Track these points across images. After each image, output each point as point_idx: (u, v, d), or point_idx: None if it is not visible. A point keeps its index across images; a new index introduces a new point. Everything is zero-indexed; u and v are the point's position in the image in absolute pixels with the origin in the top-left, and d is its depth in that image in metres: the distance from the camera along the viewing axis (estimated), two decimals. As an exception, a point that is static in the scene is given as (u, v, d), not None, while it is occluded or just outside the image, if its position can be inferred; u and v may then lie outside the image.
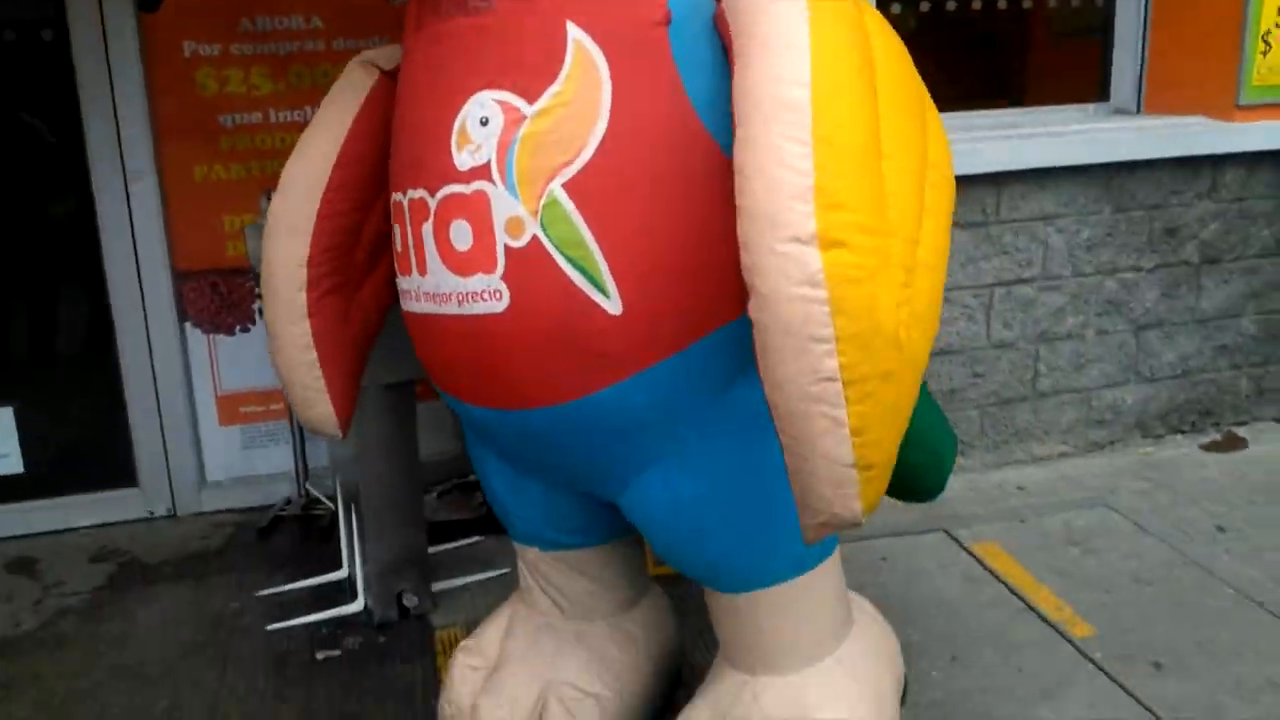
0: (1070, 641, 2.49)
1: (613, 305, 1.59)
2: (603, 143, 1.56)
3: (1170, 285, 3.51)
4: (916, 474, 2.21)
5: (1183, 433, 3.67)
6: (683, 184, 1.60)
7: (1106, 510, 3.14)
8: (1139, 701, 2.26)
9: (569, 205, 1.56)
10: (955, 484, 3.37)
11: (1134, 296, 3.48)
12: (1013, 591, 2.72)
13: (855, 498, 1.42)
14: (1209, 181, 3.44)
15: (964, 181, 3.27)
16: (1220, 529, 2.99)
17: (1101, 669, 2.38)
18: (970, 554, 2.93)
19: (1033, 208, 3.32)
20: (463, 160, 1.60)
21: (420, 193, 1.67)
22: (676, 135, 1.60)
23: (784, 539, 1.74)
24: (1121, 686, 2.31)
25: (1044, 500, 3.24)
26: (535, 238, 1.57)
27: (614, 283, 1.58)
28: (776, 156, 1.37)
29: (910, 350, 1.49)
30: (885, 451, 1.46)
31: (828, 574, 1.93)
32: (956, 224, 3.26)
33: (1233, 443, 3.61)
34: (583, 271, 1.58)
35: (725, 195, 1.44)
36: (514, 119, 1.57)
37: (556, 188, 1.56)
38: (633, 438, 1.74)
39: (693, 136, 1.60)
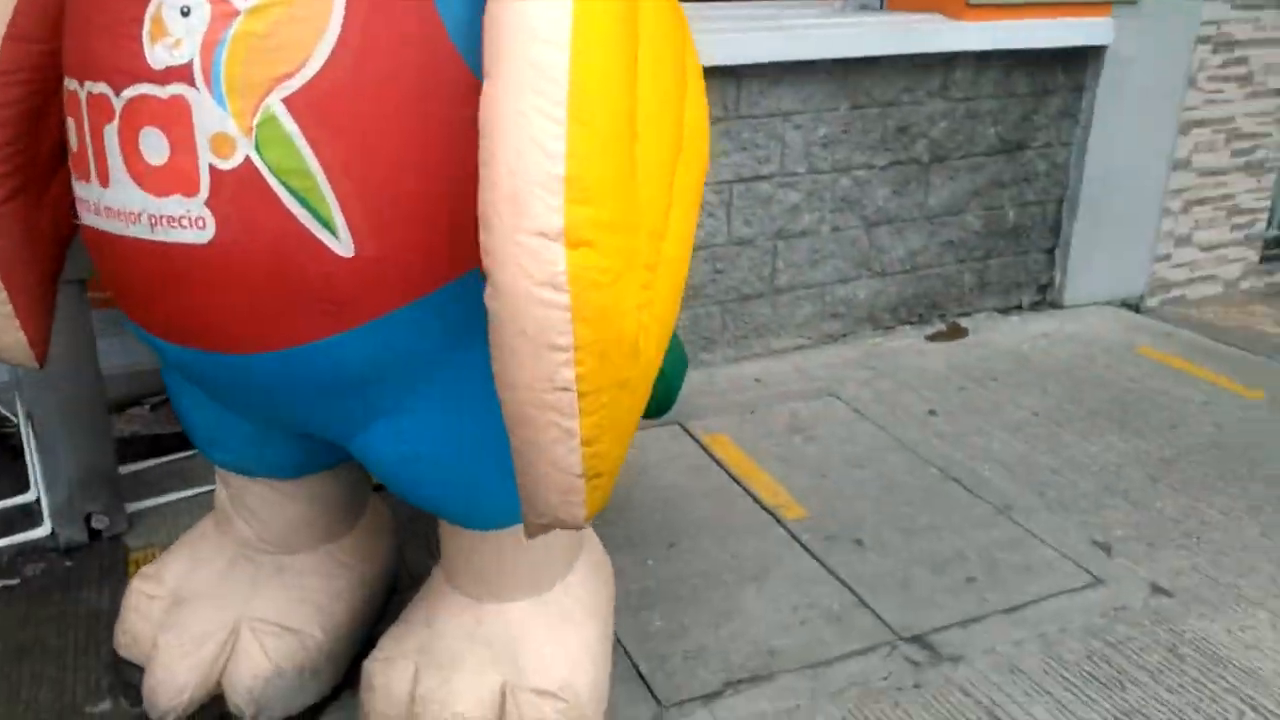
0: (783, 525, 2.57)
1: (342, 246, 1.40)
2: (333, 55, 1.35)
3: (901, 183, 3.62)
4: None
5: (911, 324, 3.85)
6: (428, 111, 1.42)
7: (832, 399, 3.26)
8: (838, 578, 2.36)
9: (290, 125, 1.35)
10: (696, 378, 3.42)
11: (866, 194, 3.58)
12: (735, 479, 2.78)
13: (581, 505, 1.38)
14: (940, 80, 3.55)
15: (705, 74, 3.26)
16: (931, 412, 3.16)
17: (808, 549, 2.47)
18: (700, 445, 2.97)
19: (771, 103, 3.32)
20: (157, 56, 1.35)
21: (102, 87, 1.40)
22: (424, 56, 1.40)
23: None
24: (824, 565, 2.41)
25: (776, 391, 3.32)
26: (248, 160, 1.36)
27: (344, 220, 1.39)
28: (524, 128, 1.23)
29: (647, 355, 1.43)
30: (615, 460, 1.41)
31: None
32: (697, 116, 3.22)
33: (955, 332, 3.82)
34: (306, 205, 1.38)
35: (478, 130, 1.29)
36: (223, 13, 1.33)
37: (275, 102, 1.34)
38: (361, 390, 1.59)
39: (443, 60, 1.41)
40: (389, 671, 1.78)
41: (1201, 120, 3.94)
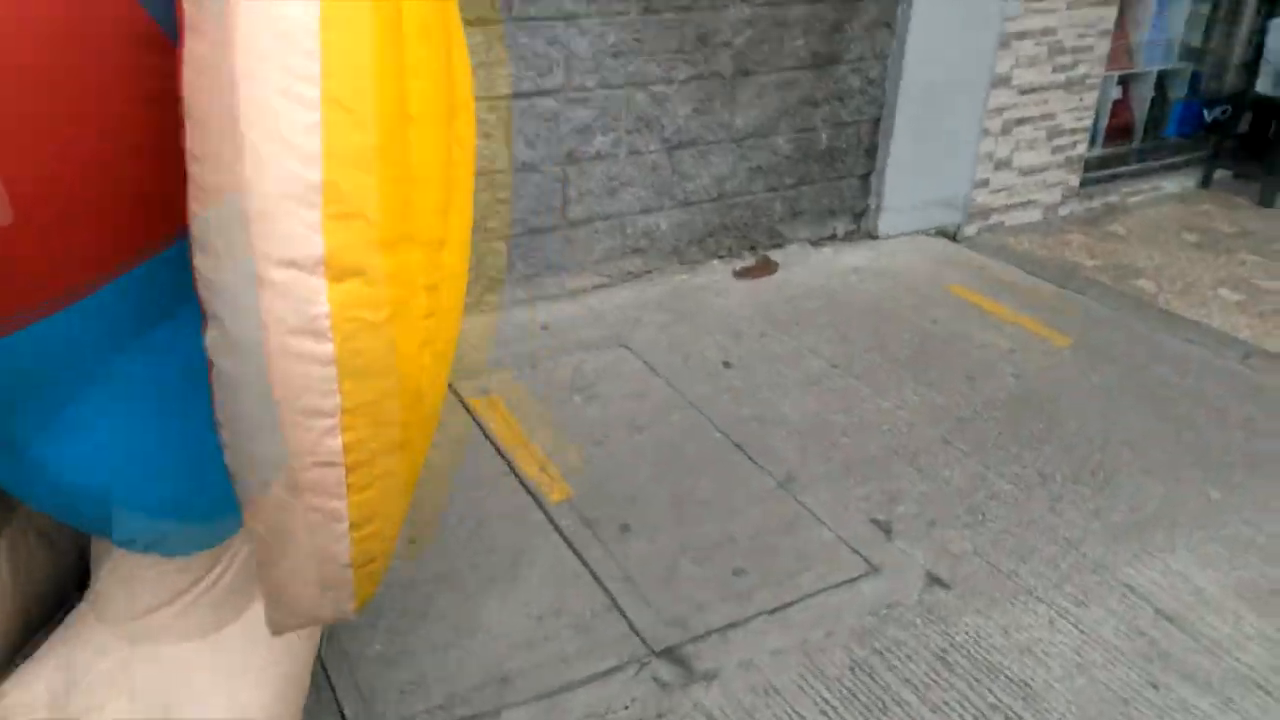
0: (544, 509, 2.28)
1: None
2: None
3: (703, 100, 3.27)
4: None
5: (720, 258, 3.57)
6: (83, 64, 1.02)
7: (622, 350, 2.95)
8: (594, 575, 2.09)
9: None
10: (478, 324, 3.06)
11: (666, 112, 3.22)
12: (501, 454, 2.47)
13: (349, 599, 1.10)
14: (746, -14, 3.18)
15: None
16: (726, 364, 2.90)
17: (566, 539, 2.19)
18: (469, 411, 2.63)
19: (551, 4, 2.89)
20: None
21: None
22: None
23: (208, 503, 1.34)
24: (581, 558, 2.14)
25: (564, 340, 3.00)
26: None
27: None
28: (265, 116, 0.89)
29: (433, 400, 1.16)
30: (390, 539, 1.13)
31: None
32: (465, 21, 2.77)
33: (764, 267, 3.55)
34: None
35: (152, 98, 0.96)
36: None
37: None
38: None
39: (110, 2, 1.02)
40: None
41: (1023, 32, 3.71)
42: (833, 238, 3.78)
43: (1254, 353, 3.12)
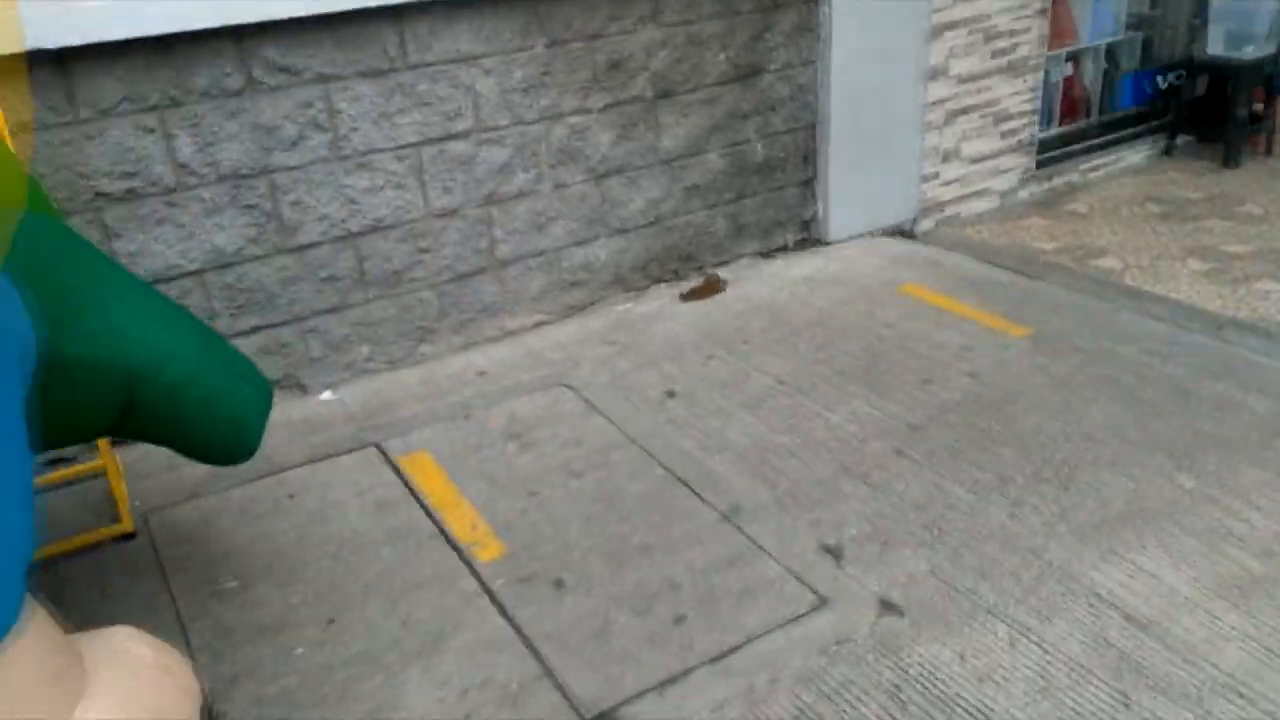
0: (473, 571, 2.15)
1: None
2: None
3: (625, 126, 3.17)
4: (214, 445, 1.76)
5: (665, 281, 3.44)
6: None
7: (562, 389, 2.83)
8: (525, 639, 1.95)
9: None
10: (410, 377, 2.95)
11: (588, 142, 3.11)
12: (429, 513, 2.34)
13: None
14: (649, 4, 3.07)
15: (356, 18, 2.70)
16: (670, 394, 2.77)
17: (496, 602, 2.06)
18: (396, 471, 2.51)
19: (447, 47, 2.79)
20: None
21: None
22: None
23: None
24: (511, 622, 2.00)
25: (500, 385, 2.88)
26: None
27: None
28: None
29: None
30: None
31: (28, 645, 1.36)
32: (360, 74, 2.68)
33: (711, 286, 3.43)
34: None
35: None
36: None
37: None
38: None
39: None
40: None
41: (954, 21, 3.59)
42: (783, 249, 3.65)
43: (1226, 324, 2.98)
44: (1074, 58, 4.36)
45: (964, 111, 3.76)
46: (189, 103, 2.48)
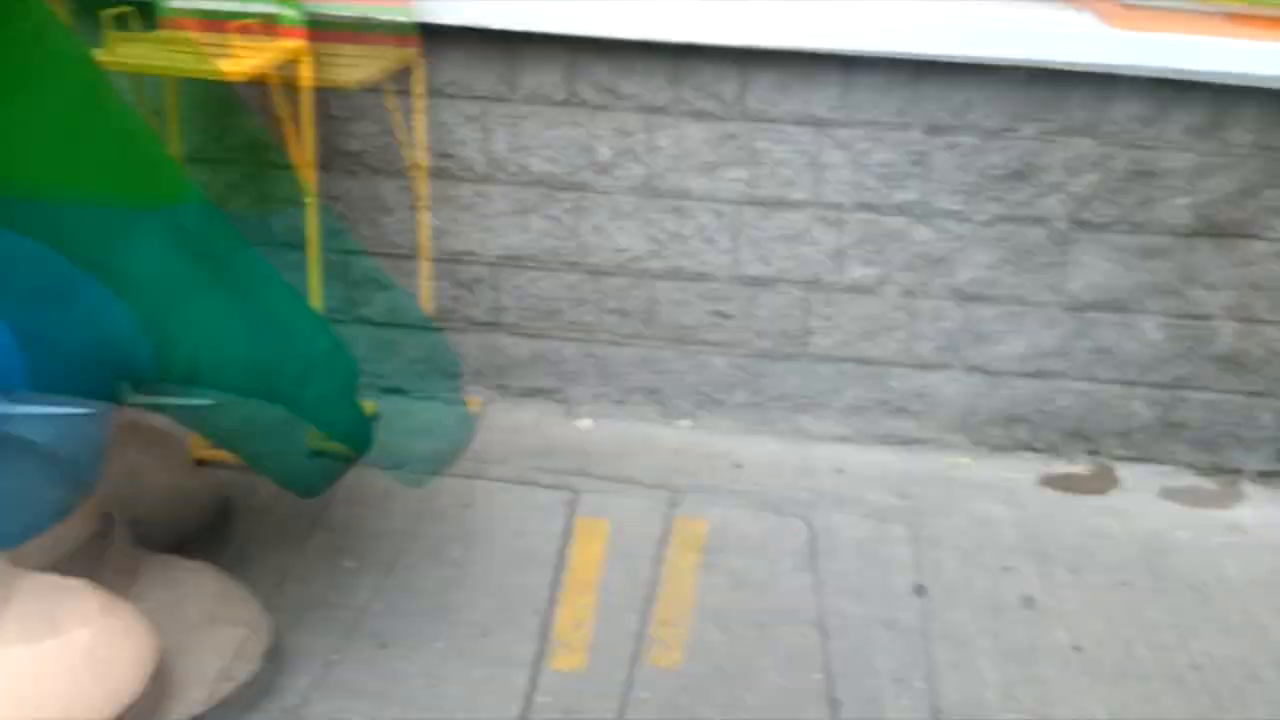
0: (533, 674, 1.96)
1: None
2: None
3: (1017, 249, 2.43)
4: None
5: (1033, 450, 2.65)
6: None
7: (800, 524, 2.35)
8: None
9: None
10: (670, 438, 2.73)
11: (957, 254, 2.46)
12: (552, 585, 2.17)
13: None
14: (1087, 112, 2.25)
15: (690, 53, 2.42)
16: (920, 589, 2.16)
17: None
18: (567, 527, 2.36)
19: (796, 108, 2.38)
20: None
21: None
22: None
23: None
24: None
25: (742, 487, 2.48)
26: None
27: None
28: None
29: None
30: None
31: None
32: (689, 114, 2.44)
33: (1095, 481, 2.56)
34: None
35: None
36: None
37: None
38: None
39: None
40: None
41: None
42: (1234, 472, 2.57)
43: None
44: None
45: None
46: (514, 100, 2.49)
